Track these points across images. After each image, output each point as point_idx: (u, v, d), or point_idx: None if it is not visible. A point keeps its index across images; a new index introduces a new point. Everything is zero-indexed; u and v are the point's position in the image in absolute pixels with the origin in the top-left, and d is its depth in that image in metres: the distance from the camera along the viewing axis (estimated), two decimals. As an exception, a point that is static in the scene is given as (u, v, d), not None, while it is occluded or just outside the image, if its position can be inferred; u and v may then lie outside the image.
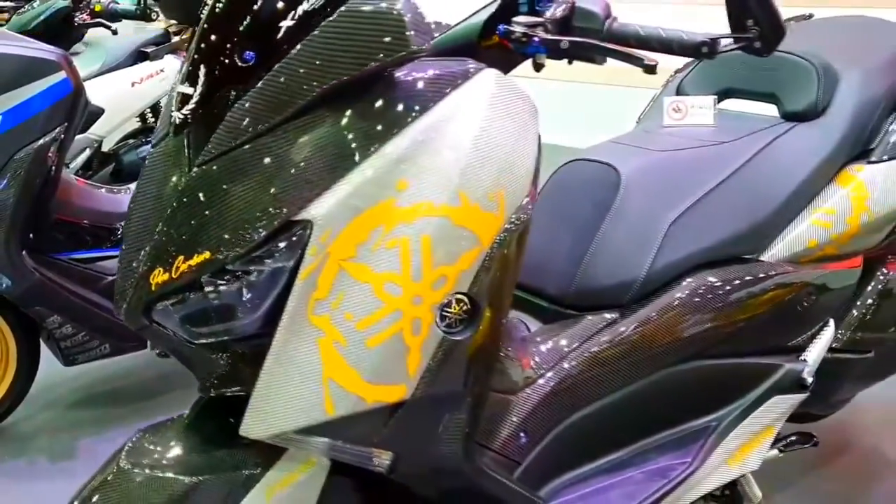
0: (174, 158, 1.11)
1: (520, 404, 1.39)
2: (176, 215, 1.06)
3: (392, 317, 1.04)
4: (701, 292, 1.51)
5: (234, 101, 1.05)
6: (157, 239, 1.07)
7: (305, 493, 1.18)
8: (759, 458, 1.63)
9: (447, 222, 1.05)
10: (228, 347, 1.09)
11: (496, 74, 1.12)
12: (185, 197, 1.06)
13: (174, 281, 1.04)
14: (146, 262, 1.08)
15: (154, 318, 1.09)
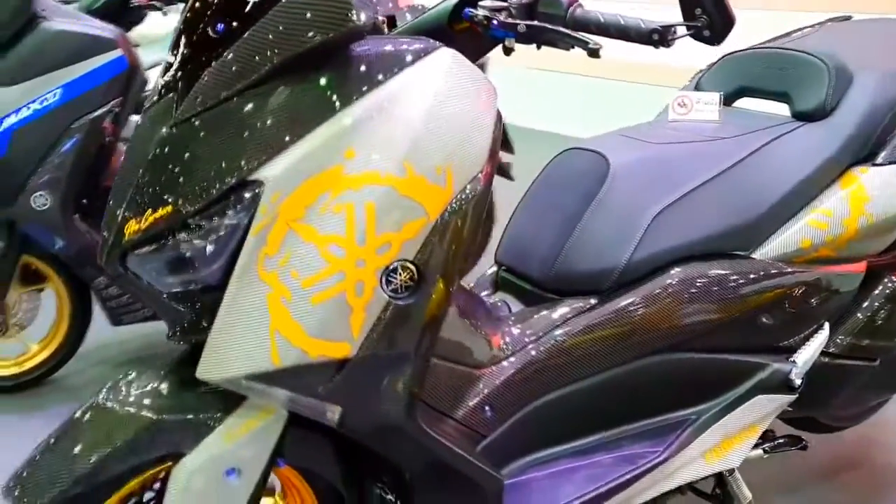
0: (156, 120, 1.21)
1: (488, 379, 1.43)
2: (147, 171, 1.15)
3: (335, 277, 1.11)
4: (683, 285, 1.52)
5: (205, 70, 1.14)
6: (132, 192, 1.17)
7: (262, 441, 1.25)
8: (740, 456, 1.63)
9: (392, 191, 1.12)
10: (192, 298, 1.18)
11: (452, 54, 1.18)
12: (156, 155, 1.15)
13: (143, 232, 1.13)
14: (123, 213, 1.17)
15: (128, 266, 1.19)
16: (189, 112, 1.13)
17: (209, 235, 1.11)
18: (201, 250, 1.12)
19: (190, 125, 1.13)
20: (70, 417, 1.28)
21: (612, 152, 1.58)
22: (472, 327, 1.44)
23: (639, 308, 1.50)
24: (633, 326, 1.50)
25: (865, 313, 1.72)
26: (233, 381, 1.16)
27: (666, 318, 1.51)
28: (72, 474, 1.19)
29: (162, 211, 1.12)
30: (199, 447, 1.22)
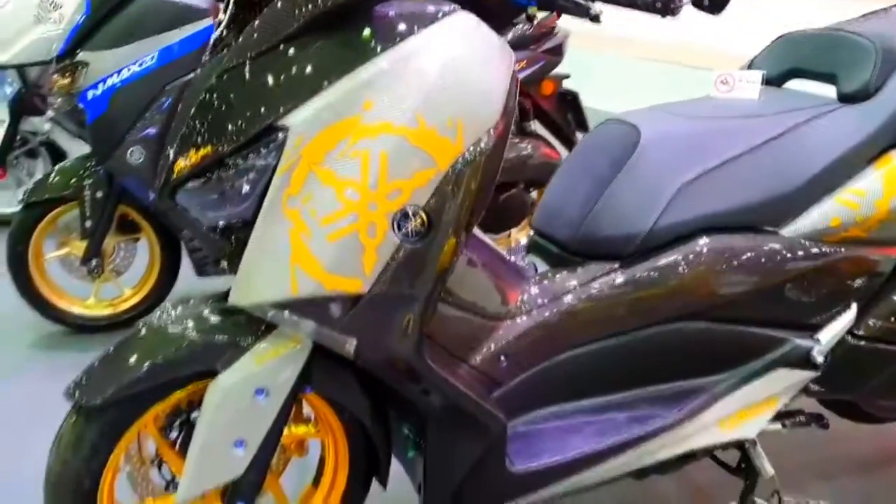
0: (208, 72, 1.35)
1: (505, 332, 1.52)
2: (195, 116, 1.30)
3: (350, 217, 1.23)
4: (705, 255, 1.57)
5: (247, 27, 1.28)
6: (182, 134, 1.32)
7: (289, 366, 1.39)
8: (756, 427, 1.67)
9: (404, 141, 1.22)
10: (229, 232, 1.32)
11: (469, 18, 1.27)
12: (203, 101, 1.29)
13: (188, 169, 1.28)
14: (175, 152, 1.33)
15: (177, 201, 1.34)
16: (230, 63, 1.27)
17: (243, 174, 1.25)
18: (236, 187, 1.26)
19: (230, 75, 1.27)
20: (126, 335, 1.45)
21: (645, 124, 1.63)
22: (492, 282, 1.53)
23: (660, 275, 1.56)
24: (653, 293, 1.56)
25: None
26: (258, 307, 1.29)
27: (686, 286, 1.56)
28: (121, 381, 1.35)
29: (204, 150, 1.26)
30: (233, 367, 1.37)
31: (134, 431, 1.42)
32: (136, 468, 1.54)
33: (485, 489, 1.50)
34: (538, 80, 3.03)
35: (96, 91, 2.46)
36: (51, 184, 2.68)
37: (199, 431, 1.38)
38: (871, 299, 1.71)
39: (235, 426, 1.39)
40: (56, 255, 2.81)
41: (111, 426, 1.39)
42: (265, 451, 1.42)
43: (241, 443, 1.40)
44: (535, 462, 1.51)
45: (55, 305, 2.78)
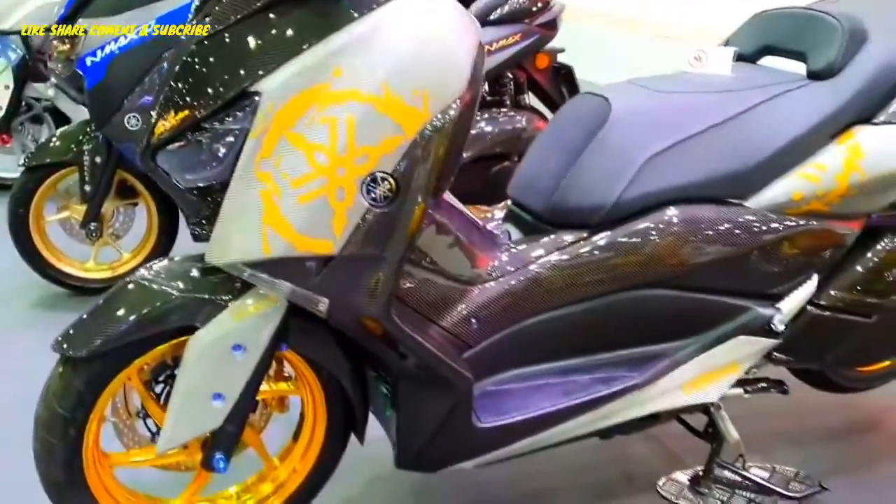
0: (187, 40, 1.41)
1: (476, 296, 1.58)
2: (175, 81, 1.36)
3: (319, 181, 1.29)
4: (670, 225, 1.62)
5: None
6: (162, 98, 1.38)
7: (265, 323, 1.46)
8: (718, 392, 1.73)
9: (371, 108, 1.28)
10: (207, 193, 1.38)
11: None
12: (181, 67, 1.35)
13: (167, 132, 1.35)
14: (156, 115, 1.39)
15: (158, 163, 1.40)
16: (209, 33, 1.33)
17: (218, 138, 1.31)
18: (212, 150, 1.32)
19: (208, 42, 1.32)
20: (112, 290, 1.52)
21: (616, 97, 1.69)
22: (465, 248, 1.59)
23: (626, 244, 1.62)
24: (619, 261, 1.62)
25: (859, 270, 1.76)
26: (233, 266, 1.36)
27: (651, 255, 1.62)
28: (106, 334, 1.43)
29: (182, 114, 1.33)
30: (212, 323, 1.44)
31: (118, 383, 1.50)
32: (123, 420, 1.62)
33: (452, 444, 1.58)
34: (532, 54, 3.07)
35: (95, 58, 2.52)
36: (51, 148, 2.75)
37: (180, 384, 1.45)
38: (832, 271, 1.77)
39: (214, 380, 1.46)
40: (56, 218, 2.88)
41: (96, 377, 1.46)
42: (243, 404, 1.50)
43: (220, 396, 1.47)
44: (501, 419, 1.58)
45: (55, 267, 2.86)
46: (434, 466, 1.63)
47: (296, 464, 1.71)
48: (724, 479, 1.86)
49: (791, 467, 1.98)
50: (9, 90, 3.71)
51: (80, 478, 1.51)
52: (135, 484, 1.67)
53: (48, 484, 1.50)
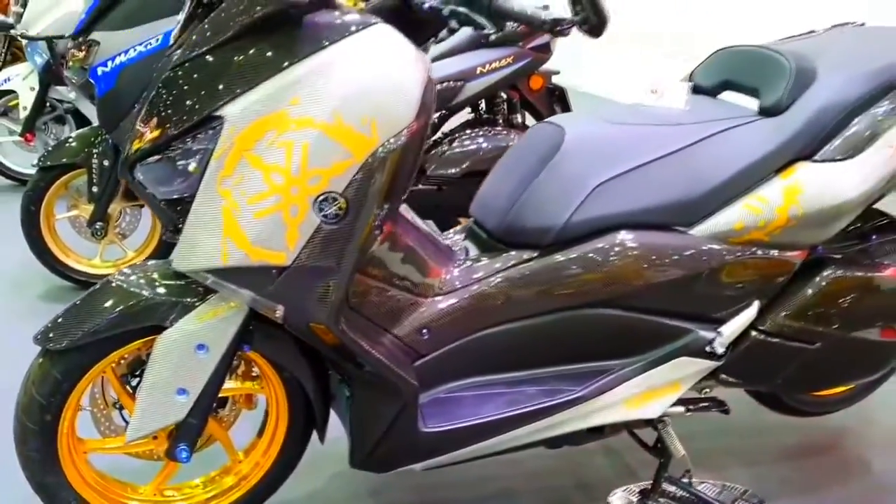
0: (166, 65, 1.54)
1: (429, 308, 1.70)
2: (151, 103, 1.49)
3: (274, 198, 1.41)
4: (615, 249, 1.72)
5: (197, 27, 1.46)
6: (141, 118, 1.51)
7: (227, 326, 1.58)
8: (659, 409, 1.82)
9: (323, 134, 1.40)
10: (177, 205, 1.51)
11: (386, 30, 1.45)
12: (158, 90, 1.48)
13: (143, 148, 1.47)
14: (135, 132, 1.52)
15: (135, 175, 1.53)
16: (182, 59, 1.46)
17: (187, 156, 1.44)
18: (181, 166, 1.45)
19: (181, 69, 1.45)
20: (91, 289, 1.65)
21: (571, 127, 1.79)
22: (419, 262, 1.70)
23: (572, 265, 1.72)
24: (565, 280, 1.72)
25: (802, 299, 1.84)
26: (196, 272, 1.49)
27: (597, 277, 1.72)
28: (82, 330, 1.56)
29: (156, 132, 1.45)
30: (178, 323, 1.57)
31: (93, 375, 1.63)
32: (100, 410, 1.75)
33: (399, 447, 1.69)
34: (526, 75, 3.18)
35: (106, 68, 2.67)
36: (63, 150, 2.91)
37: (147, 379, 1.58)
38: (776, 298, 1.85)
39: (178, 376, 1.59)
40: (66, 216, 3.04)
41: (72, 368, 1.60)
42: (205, 400, 1.62)
43: (184, 391, 1.60)
44: (446, 425, 1.68)
45: (63, 262, 3.03)
46: (383, 467, 1.74)
47: (258, 458, 1.83)
48: (672, 494, 1.94)
49: (740, 485, 2.07)
50: (34, 92, 3.91)
51: (54, 460, 1.64)
52: (110, 469, 1.80)
53: (24, 463, 1.64)
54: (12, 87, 3.96)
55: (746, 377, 1.93)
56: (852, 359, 1.97)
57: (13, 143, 4.16)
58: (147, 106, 1.50)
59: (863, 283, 1.87)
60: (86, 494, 1.71)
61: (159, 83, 1.48)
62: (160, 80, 1.49)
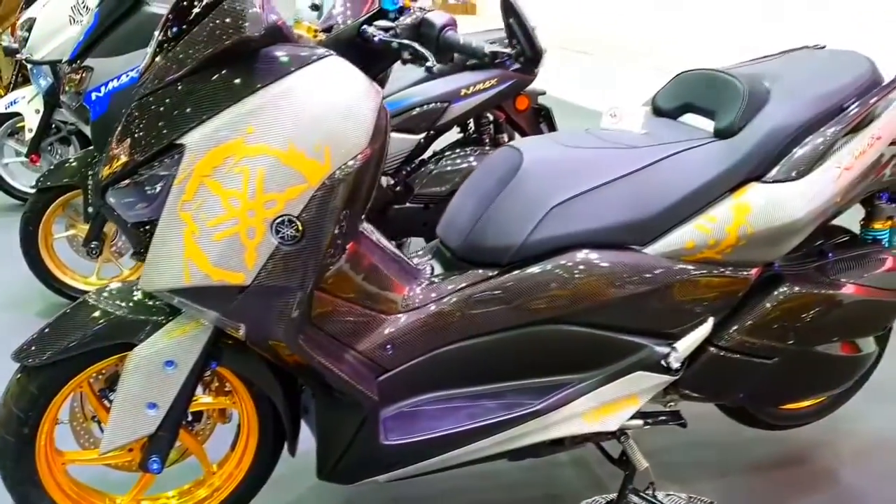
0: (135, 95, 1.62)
1: (391, 324, 1.76)
2: (120, 131, 1.57)
3: (232, 222, 1.49)
4: (571, 268, 1.78)
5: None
6: (110, 145, 1.59)
7: (194, 343, 1.66)
8: (617, 422, 1.88)
9: (278, 161, 1.48)
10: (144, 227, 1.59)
11: (340, 62, 1.52)
12: (126, 120, 1.56)
13: (112, 174, 1.56)
14: (106, 158, 1.60)
15: (106, 199, 1.61)
16: (147, 90, 1.54)
17: (151, 182, 1.52)
18: (147, 192, 1.53)
19: (146, 99, 1.53)
20: (66, 308, 1.73)
21: (529, 150, 1.86)
22: (382, 280, 1.77)
23: (530, 283, 1.78)
24: (524, 298, 1.78)
25: (758, 315, 1.89)
26: (160, 292, 1.57)
27: (554, 295, 1.78)
28: (57, 347, 1.64)
29: (123, 159, 1.54)
30: (147, 341, 1.65)
31: (68, 390, 1.71)
32: (79, 423, 1.83)
33: (361, 460, 1.75)
34: (512, 96, 3.25)
35: (99, 93, 2.77)
36: (61, 172, 3.01)
37: (119, 394, 1.66)
38: (733, 314, 1.90)
39: (148, 391, 1.66)
40: (64, 235, 3.14)
41: (48, 383, 1.68)
42: (175, 414, 1.69)
43: (154, 405, 1.67)
44: (407, 438, 1.75)
45: (60, 280, 3.12)
46: (348, 479, 1.80)
47: (231, 471, 1.90)
48: (636, 505, 2.00)
49: (707, 497, 2.12)
50: (39, 114, 4.02)
51: (31, 470, 1.72)
52: (91, 481, 1.88)
53: (4, 474, 1.71)
54: (18, 109, 4.07)
55: (707, 391, 1.98)
56: (813, 373, 2.02)
57: (20, 164, 4.28)
58: (117, 133, 1.58)
59: (817, 299, 1.92)
60: (63, 504, 1.79)
61: (128, 112, 1.57)
62: (128, 109, 1.57)
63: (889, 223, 2.10)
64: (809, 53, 2.15)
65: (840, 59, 2.02)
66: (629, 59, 7.16)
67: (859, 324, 2.02)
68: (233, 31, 1.45)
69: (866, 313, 2.00)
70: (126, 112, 1.58)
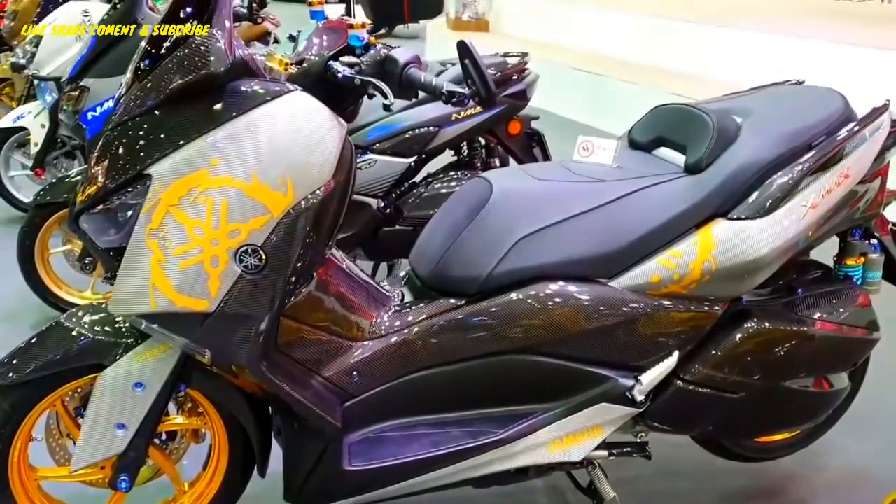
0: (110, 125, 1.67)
1: (358, 351, 1.79)
2: (94, 160, 1.62)
3: (196, 250, 1.53)
4: (536, 299, 1.81)
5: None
6: (84, 173, 1.64)
7: (162, 366, 1.70)
8: (582, 452, 1.89)
9: (241, 193, 1.52)
10: (114, 253, 1.63)
11: (302, 97, 1.57)
12: (99, 149, 1.61)
13: (83, 201, 1.60)
14: (80, 186, 1.65)
15: (80, 224, 1.66)
16: (118, 120, 1.59)
17: (121, 209, 1.56)
18: (116, 219, 1.57)
19: (118, 129, 1.58)
20: (40, 330, 1.78)
21: (499, 182, 1.89)
22: (349, 308, 1.80)
23: (496, 314, 1.81)
24: (489, 328, 1.81)
25: (725, 349, 1.90)
26: (127, 317, 1.61)
27: (519, 325, 1.80)
28: (28, 367, 1.69)
29: (94, 187, 1.58)
30: (118, 362, 1.69)
31: (41, 408, 1.75)
32: (55, 439, 1.87)
33: (325, 484, 1.78)
34: (504, 121, 3.29)
35: (95, 113, 2.84)
36: (58, 188, 3.07)
37: (89, 413, 1.70)
38: (699, 347, 1.91)
39: (117, 412, 1.70)
40: (61, 250, 3.20)
41: (20, 401, 1.72)
42: (143, 434, 1.73)
43: (122, 426, 1.71)
44: (370, 464, 1.78)
45: (55, 294, 3.18)
46: (313, 502, 1.83)
47: (201, 490, 1.93)
48: (606, 534, 2.01)
49: (677, 528, 2.13)
50: (45, 129, 4.10)
51: (4, 486, 1.76)
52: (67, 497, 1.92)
53: None
54: (25, 123, 4.15)
55: (674, 424, 2.00)
56: (782, 408, 2.03)
57: (25, 177, 4.36)
58: (93, 160, 1.63)
59: (784, 335, 1.93)
60: (35, 520, 1.83)
61: (101, 141, 1.61)
62: (101, 139, 1.62)
63: (861, 260, 2.11)
64: (785, 89, 2.17)
65: (813, 96, 2.04)
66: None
67: (828, 360, 2.03)
68: (198, 66, 1.49)
69: (835, 350, 2.01)
70: (100, 140, 1.63)
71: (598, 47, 8.52)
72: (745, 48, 6.70)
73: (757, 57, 6.52)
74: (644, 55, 7.86)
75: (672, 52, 7.53)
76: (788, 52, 6.26)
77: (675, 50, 7.51)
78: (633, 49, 8.05)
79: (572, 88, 7.61)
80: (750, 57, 6.59)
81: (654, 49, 7.76)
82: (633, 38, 8.11)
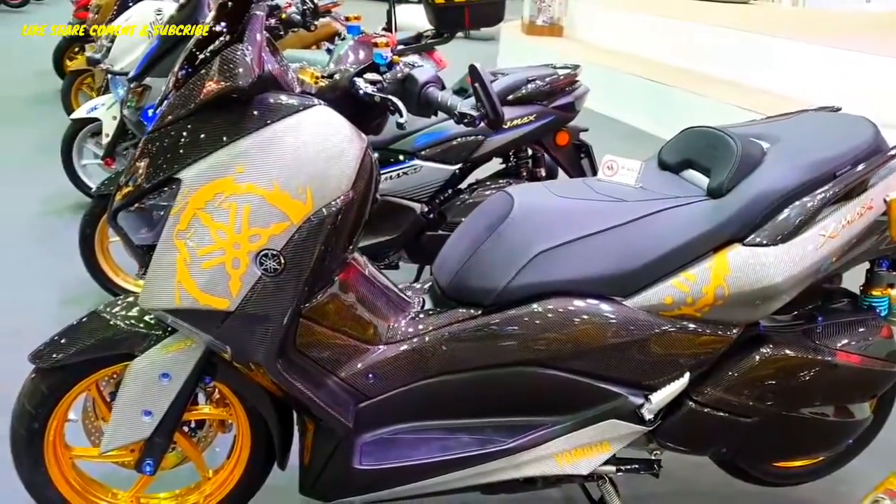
0: None
1: (375, 355, 1.86)
2: (133, 160, 1.72)
3: (219, 252, 1.62)
4: (551, 314, 1.85)
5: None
6: (125, 173, 1.75)
7: (188, 358, 1.80)
8: (589, 466, 1.93)
9: (263, 200, 1.60)
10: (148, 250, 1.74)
11: (327, 111, 1.64)
12: (139, 150, 1.71)
13: (122, 199, 1.71)
14: (119, 185, 1.76)
15: (117, 221, 1.77)
16: (155, 127, 1.69)
17: (153, 209, 1.67)
18: (150, 218, 1.68)
19: (154, 135, 1.68)
20: (79, 318, 1.90)
21: (521, 197, 1.93)
22: (368, 313, 1.88)
23: (510, 325, 1.85)
24: (502, 340, 1.85)
25: (735, 374, 1.90)
26: (155, 311, 1.71)
27: (532, 338, 1.85)
28: (66, 353, 1.81)
29: (132, 187, 1.69)
30: (146, 353, 1.80)
31: (76, 391, 1.87)
32: (91, 421, 1.99)
33: (335, 481, 1.86)
34: (552, 132, 3.32)
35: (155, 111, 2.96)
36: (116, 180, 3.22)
37: (118, 399, 1.81)
38: (713, 370, 1.92)
39: (144, 399, 1.81)
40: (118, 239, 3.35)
41: (58, 385, 1.85)
42: (168, 422, 1.84)
43: (149, 412, 1.82)
44: (379, 465, 1.84)
45: (112, 281, 3.34)
46: (327, 497, 1.91)
47: (223, 479, 2.03)
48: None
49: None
50: (116, 121, 4.29)
51: (39, 462, 1.89)
52: (100, 475, 2.04)
53: (16, 464, 1.89)
54: (98, 115, 4.35)
55: (686, 443, 2.01)
56: (796, 435, 2.02)
57: (97, 166, 4.57)
58: (132, 162, 1.74)
59: (800, 363, 1.93)
60: (67, 494, 1.95)
61: (140, 145, 1.72)
62: (140, 142, 1.72)
63: (887, 291, 2.08)
64: (818, 116, 2.16)
65: (844, 124, 2.03)
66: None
67: (845, 390, 2.01)
68: (227, 80, 1.58)
69: (852, 380, 1.99)
70: (140, 143, 1.74)
71: (670, 57, 8.42)
72: (820, 64, 6.56)
73: (831, 74, 6.38)
74: (716, 67, 7.75)
75: (745, 64, 7.41)
76: (862, 69, 6.11)
77: (748, 63, 7.39)
78: (704, 60, 7.94)
79: (638, 97, 7.56)
80: (826, 74, 6.45)
81: (728, 61, 7.65)
82: (708, 50, 8.01)
